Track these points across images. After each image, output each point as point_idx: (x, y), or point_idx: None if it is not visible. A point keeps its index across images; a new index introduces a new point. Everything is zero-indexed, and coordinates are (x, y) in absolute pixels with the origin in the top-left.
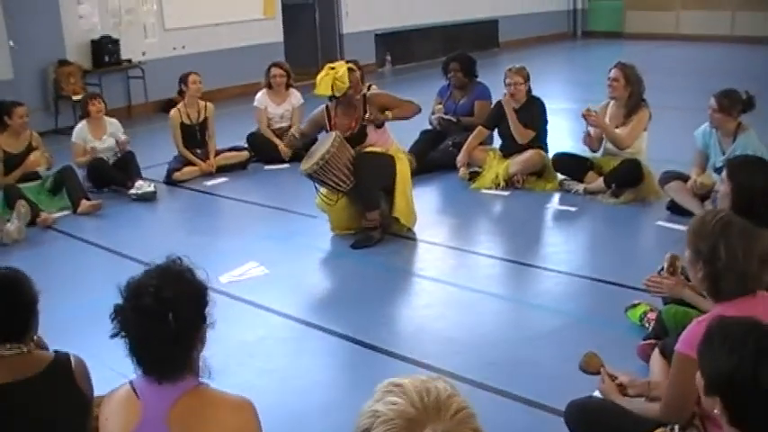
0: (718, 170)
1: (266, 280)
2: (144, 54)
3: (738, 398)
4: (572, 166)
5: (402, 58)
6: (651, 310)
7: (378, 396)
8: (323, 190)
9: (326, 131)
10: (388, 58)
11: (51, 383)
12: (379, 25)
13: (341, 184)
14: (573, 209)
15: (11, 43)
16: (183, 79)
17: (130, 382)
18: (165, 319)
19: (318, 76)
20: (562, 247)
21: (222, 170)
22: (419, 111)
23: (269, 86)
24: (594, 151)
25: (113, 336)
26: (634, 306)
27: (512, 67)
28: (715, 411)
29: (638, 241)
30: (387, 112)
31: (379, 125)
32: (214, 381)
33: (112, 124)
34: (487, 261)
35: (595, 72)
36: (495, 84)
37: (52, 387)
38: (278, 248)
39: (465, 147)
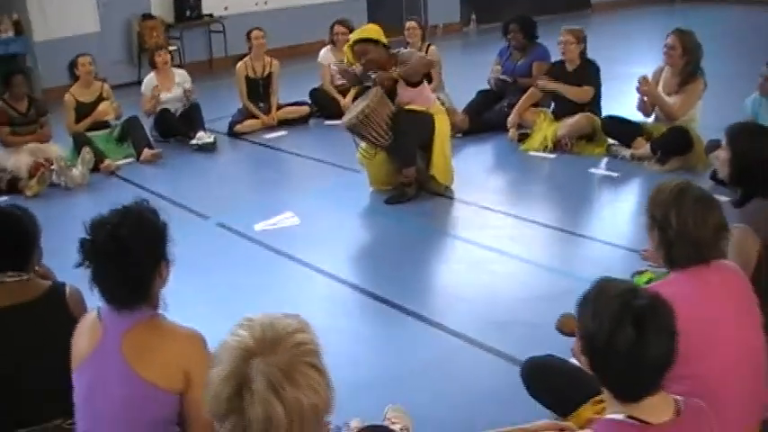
0: None
1: (297, 230)
2: (226, 9)
3: (599, 359)
4: (621, 130)
5: (488, 18)
6: (656, 278)
7: (232, 329)
8: (363, 144)
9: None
10: (474, 17)
11: (45, 309)
12: None
13: (379, 138)
14: (615, 174)
15: None
16: (248, 35)
17: (98, 308)
18: (120, 253)
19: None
20: (594, 213)
21: (284, 124)
22: (427, 63)
23: (332, 43)
24: (648, 116)
25: (77, 266)
26: (640, 273)
27: (568, 27)
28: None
29: None
30: (394, 69)
31: (390, 83)
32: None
33: (180, 75)
34: (515, 222)
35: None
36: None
37: (45, 312)
38: (317, 201)
39: (517, 107)
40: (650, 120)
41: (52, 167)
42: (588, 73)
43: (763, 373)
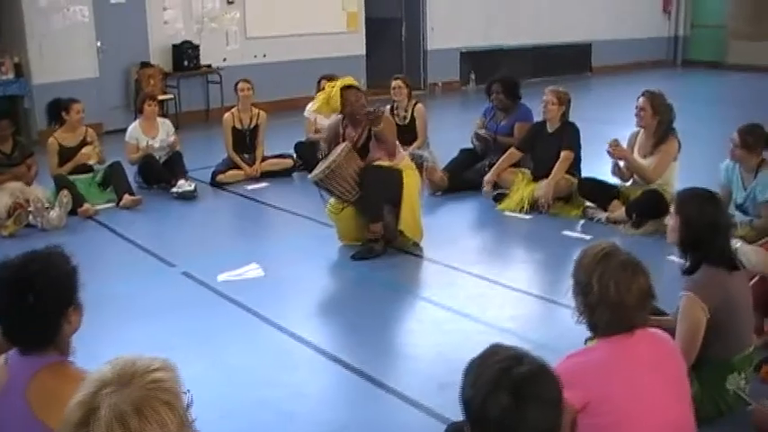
0: (738, 206)
1: (260, 282)
2: (224, 60)
3: (474, 427)
4: (597, 192)
5: (487, 77)
6: None
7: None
8: (331, 199)
9: (340, 142)
10: (473, 76)
11: None
12: (465, 43)
13: (345, 193)
14: (588, 237)
15: (98, 44)
16: (235, 86)
17: (8, 353)
18: (23, 294)
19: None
20: (560, 277)
21: (267, 175)
22: (392, 155)
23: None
24: (625, 181)
25: None
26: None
27: (553, 87)
28: None
29: None
30: (377, 129)
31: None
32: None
33: (165, 124)
34: (479, 282)
35: (691, 101)
36: (581, 111)
37: None
38: (288, 254)
39: (495, 166)
40: (628, 183)
41: (29, 209)
42: (567, 135)
43: None
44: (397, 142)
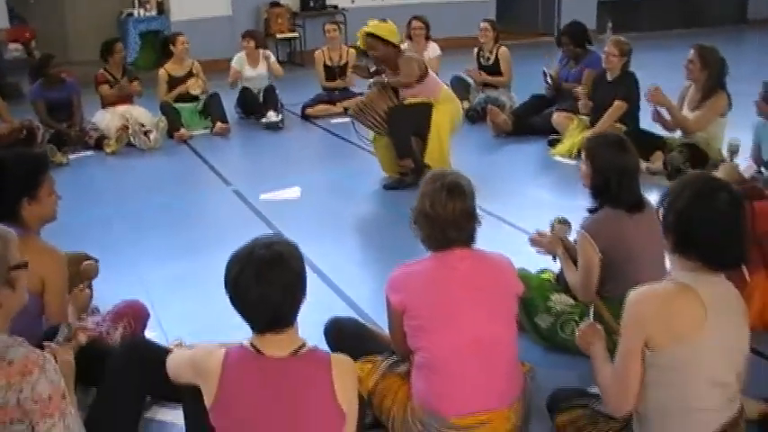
0: (766, 164)
1: (293, 203)
2: (353, 2)
3: (231, 299)
4: (641, 142)
5: (626, 26)
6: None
7: None
8: (368, 131)
9: None
10: (610, 24)
11: None
12: None
13: (377, 126)
14: None
15: None
16: (322, 27)
17: None
18: None
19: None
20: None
21: None
22: (414, 75)
23: (409, 38)
24: (670, 131)
25: None
26: (543, 271)
27: (615, 37)
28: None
29: None
30: (390, 73)
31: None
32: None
33: (266, 56)
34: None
35: None
36: (732, 69)
37: None
38: (332, 181)
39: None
40: (677, 135)
41: (129, 131)
42: (624, 85)
43: (499, 363)
44: (437, 78)
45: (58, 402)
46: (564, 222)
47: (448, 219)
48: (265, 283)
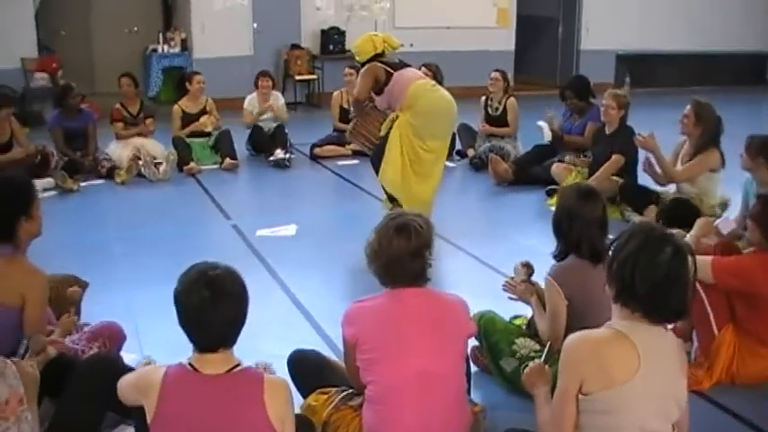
0: None
1: (288, 240)
2: None
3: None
4: (635, 195)
5: (643, 82)
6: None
7: None
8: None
9: None
10: (627, 79)
11: None
12: (622, 46)
13: (367, 147)
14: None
15: (255, 25)
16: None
17: None
18: None
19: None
20: None
21: (359, 154)
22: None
23: None
24: (662, 185)
25: None
26: (517, 317)
27: (613, 90)
28: None
29: None
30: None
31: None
32: None
33: (277, 98)
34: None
35: None
36: (739, 128)
37: None
38: (331, 221)
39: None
40: (671, 189)
41: (140, 162)
42: (622, 138)
43: (444, 398)
44: (408, 74)
45: (15, 407)
46: (526, 266)
47: (392, 256)
48: (212, 306)
